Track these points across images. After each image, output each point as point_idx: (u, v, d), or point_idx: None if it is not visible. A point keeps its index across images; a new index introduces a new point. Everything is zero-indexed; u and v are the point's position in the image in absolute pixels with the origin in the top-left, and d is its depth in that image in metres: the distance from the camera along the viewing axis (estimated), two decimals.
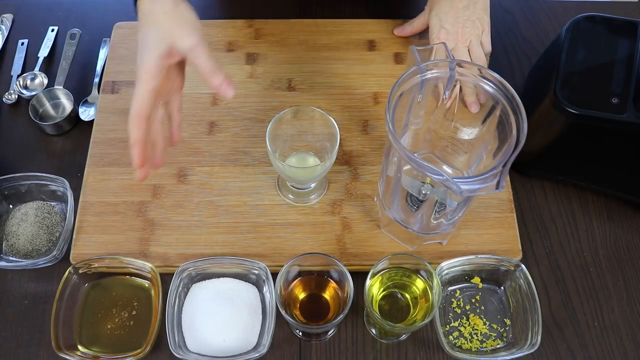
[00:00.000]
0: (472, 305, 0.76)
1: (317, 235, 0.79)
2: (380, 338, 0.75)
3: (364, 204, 0.82)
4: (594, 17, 0.79)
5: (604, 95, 0.72)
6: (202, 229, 0.79)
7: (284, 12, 1.01)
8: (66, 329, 0.72)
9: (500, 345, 0.73)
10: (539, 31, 1.01)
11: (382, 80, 0.92)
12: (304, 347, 0.74)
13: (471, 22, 0.84)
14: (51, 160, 0.88)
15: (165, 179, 0.83)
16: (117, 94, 0.90)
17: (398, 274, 0.73)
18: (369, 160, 0.85)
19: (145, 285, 0.77)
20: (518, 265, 0.73)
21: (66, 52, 0.96)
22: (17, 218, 0.81)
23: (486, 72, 0.65)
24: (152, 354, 0.73)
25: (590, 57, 0.76)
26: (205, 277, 0.76)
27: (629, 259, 0.81)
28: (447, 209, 0.71)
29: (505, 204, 0.81)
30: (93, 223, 0.80)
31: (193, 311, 0.73)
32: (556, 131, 0.76)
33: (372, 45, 0.95)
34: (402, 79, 0.65)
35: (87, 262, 0.75)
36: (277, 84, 0.91)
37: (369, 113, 0.89)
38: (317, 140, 0.79)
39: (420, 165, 0.59)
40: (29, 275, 0.79)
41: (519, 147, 0.60)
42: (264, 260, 0.74)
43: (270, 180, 0.83)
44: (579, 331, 0.76)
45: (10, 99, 0.93)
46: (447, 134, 0.77)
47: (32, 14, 1.03)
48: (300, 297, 0.74)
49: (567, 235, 0.82)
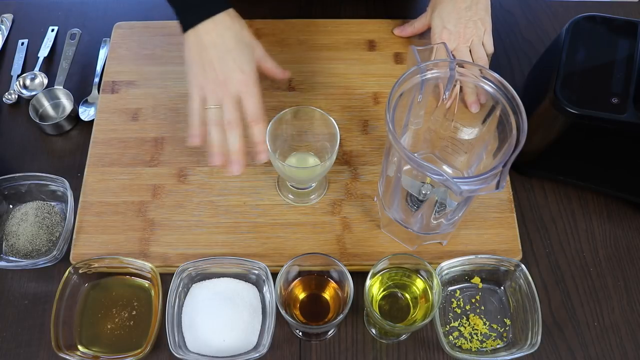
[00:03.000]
0: (472, 305, 0.76)
1: (317, 235, 0.79)
2: (380, 338, 0.75)
3: (364, 204, 0.82)
4: (594, 17, 0.79)
5: (604, 95, 0.72)
6: (202, 229, 0.79)
7: (284, 12, 1.01)
8: (66, 329, 0.72)
9: (500, 345, 0.73)
10: (539, 31, 1.01)
11: (382, 80, 0.92)
12: (304, 347, 0.74)
13: (473, 23, 0.84)
14: (51, 160, 0.88)
15: (165, 179, 0.83)
16: (117, 94, 0.90)
17: (398, 274, 0.73)
18: (369, 160, 0.85)
19: (145, 285, 0.77)
20: (518, 265, 0.73)
21: (66, 52, 0.97)
22: (17, 218, 0.81)
23: (486, 72, 0.65)
24: (152, 354, 0.73)
25: (590, 57, 0.76)
26: (205, 277, 0.76)
27: (629, 259, 0.81)
28: (447, 209, 0.71)
29: (505, 204, 0.81)
30: (93, 223, 0.80)
31: (193, 311, 0.73)
32: (556, 131, 0.76)
33: (372, 45, 0.95)
34: (402, 79, 0.65)
35: (87, 262, 0.75)
36: (277, 84, 0.91)
37: (369, 113, 0.89)
38: (317, 140, 0.79)
39: (420, 165, 0.59)
40: (29, 275, 0.79)
41: (519, 147, 0.60)
42: (264, 260, 0.74)
43: (270, 180, 0.83)
44: (579, 331, 0.76)
45: (10, 99, 0.93)
46: (447, 134, 0.77)
47: (32, 14, 1.03)
48: (300, 297, 0.74)
49: (567, 235, 0.83)
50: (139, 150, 0.85)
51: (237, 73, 0.71)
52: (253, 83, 0.72)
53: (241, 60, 0.72)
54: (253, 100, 0.72)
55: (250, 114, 0.72)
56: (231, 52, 0.71)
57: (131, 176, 0.83)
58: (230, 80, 0.71)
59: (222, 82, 0.71)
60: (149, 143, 0.86)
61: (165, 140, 0.86)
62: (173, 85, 0.91)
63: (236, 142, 0.73)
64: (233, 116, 0.72)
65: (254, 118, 0.72)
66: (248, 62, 0.73)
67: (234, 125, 0.72)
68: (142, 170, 0.84)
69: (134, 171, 0.84)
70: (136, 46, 0.95)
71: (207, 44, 0.71)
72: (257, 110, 0.73)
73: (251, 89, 0.72)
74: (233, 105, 0.72)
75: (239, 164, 0.73)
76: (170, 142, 0.86)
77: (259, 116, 0.73)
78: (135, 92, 0.90)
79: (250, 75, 0.72)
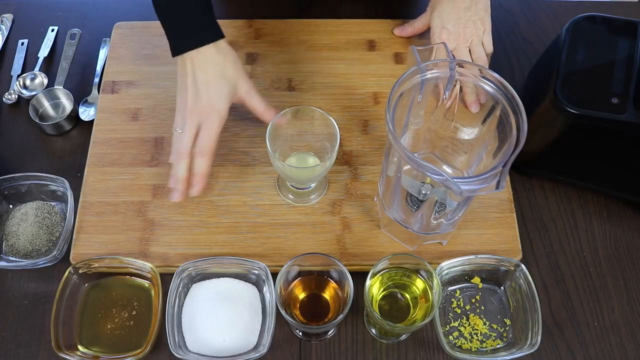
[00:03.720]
0: (472, 305, 0.76)
1: (317, 235, 0.79)
2: (380, 338, 0.75)
3: (364, 204, 0.82)
4: (594, 17, 0.79)
5: (604, 95, 0.72)
6: (202, 229, 0.79)
7: (283, 12, 1.01)
8: (66, 329, 0.72)
9: (500, 345, 0.73)
10: (539, 31, 1.01)
11: (382, 80, 0.92)
12: (304, 347, 0.74)
13: (472, 23, 0.84)
14: (51, 160, 0.88)
15: (165, 179, 0.83)
16: (117, 94, 0.90)
17: (398, 274, 0.73)
18: (369, 160, 0.85)
19: (145, 285, 0.77)
20: (518, 265, 0.73)
21: (66, 52, 0.97)
22: (17, 218, 0.81)
23: (486, 72, 0.65)
24: (152, 354, 0.73)
25: (590, 57, 0.76)
26: (205, 277, 0.76)
27: (629, 259, 0.81)
28: (447, 209, 0.71)
29: (505, 204, 0.81)
30: (93, 223, 0.80)
31: (193, 311, 0.73)
32: (556, 131, 0.76)
33: (372, 45, 0.96)
34: (402, 79, 0.65)
35: (87, 262, 0.75)
36: (277, 84, 0.91)
37: (369, 113, 0.89)
38: (317, 140, 0.79)
39: (420, 165, 0.59)
40: (29, 275, 0.79)
41: (519, 147, 0.60)
42: (264, 260, 0.74)
43: (270, 180, 0.83)
44: (579, 331, 0.76)
45: (10, 99, 0.93)
46: (447, 134, 0.77)
47: (32, 14, 1.03)
48: (300, 297, 0.74)
49: (567, 235, 0.83)
50: (139, 150, 0.85)
51: (204, 105, 0.73)
52: (216, 117, 0.74)
53: (214, 94, 0.74)
54: (208, 133, 0.73)
55: (198, 145, 0.74)
56: (207, 84, 0.73)
57: (131, 176, 0.83)
58: (197, 109, 0.73)
59: (190, 110, 0.74)
60: (149, 143, 0.86)
61: (165, 140, 0.86)
62: (173, 85, 0.90)
63: (182, 171, 0.74)
64: (184, 146, 0.73)
65: (201, 150, 0.74)
66: (220, 98, 0.74)
67: (183, 155, 0.74)
68: (142, 170, 0.84)
69: (134, 171, 0.84)
70: (136, 46, 0.95)
71: (188, 72, 0.74)
72: (208, 144, 0.74)
73: (211, 123, 0.73)
74: (189, 135, 0.73)
75: (179, 193, 0.75)
76: (170, 142, 0.85)
77: (207, 150, 0.74)
78: (135, 92, 0.90)
79: (216, 110, 0.74)
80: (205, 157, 0.74)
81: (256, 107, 0.79)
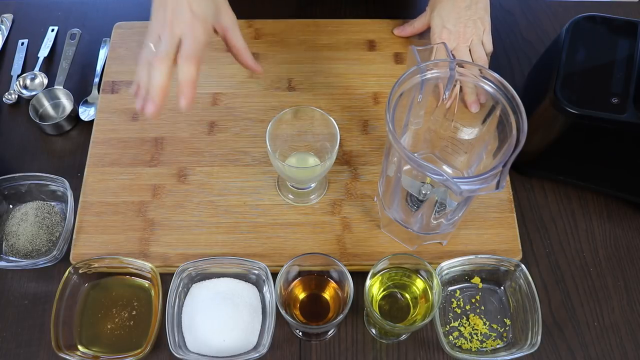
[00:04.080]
0: (472, 305, 0.76)
1: (317, 235, 0.79)
2: (380, 338, 0.75)
3: (364, 204, 0.82)
4: (594, 17, 0.79)
5: (604, 95, 0.72)
6: (202, 229, 0.79)
7: (284, 12, 1.01)
8: (66, 329, 0.72)
9: (500, 345, 0.73)
10: (539, 31, 1.01)
11: (382, 80, 0.92)
12: (304, 347, 0.74)
13: (473, 22, 0.84)
14: (51, 160, 0.88)
15: (165, 179, 0.83)
16: (117, 94, 0.90)
17: (398, 274, 0.73)
18: (369, 160, 0.85)
19: (145, 285, 0.77)
20: (518, 265, 0.73)
21: (66, 52, 0.97)
22: (17, 218, 0.81)
23: (486, 72, 0.65)
24: (152, 354, 0.73)
25: (590, 57, 0.76)
26: (205, 277, 0.76)
27: (629, 259, 0.81)
28: (447, 209, 0.71)
29: (505, 204, 0.81)
30: (93, 223, 0.80)
31: (193, 311, 0.73)
32: (556, 131, 0.76)
33: (372, 45, 0.96)
34: (402, 79, 0.65)
35: (87, 262, 0.75)
36: (277, 84, 0.91)
37: (369, 113, 0.89)
38: (317, 140, 0.79)
39: (420, 165, 0.59)
40: (29, 275, 0.79)
41: (519, 147, 0.60)
42: (264, 260, 0.74)
43: (270, 180, 0.83)
44: (579, 331, 0.76)
45: (10, 99, 0.93)
46: (447, 134, 0.77)
47: (32, 14, 1.03)
48: (300, 297, 0.74)
49: (567, 235, 0.83)
50: (139, 150, 0.85)
51: (187, 16, 0.64)
52: (201, 26, 0.65)
53: (199, 8, 0.65)
54: (191, 41, 0.64)
55: (183, 50, 0.64)
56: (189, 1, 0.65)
57: (131, 176, 0.83)
58: (177, 20, 0.64)
59: (169, 22, 0.64)
60: (149, 143, 0.86)
61: (165, 140, 0.86)
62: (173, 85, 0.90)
63: (158, 77, 0.64)
64: (163, 50, 0.63)
65: (187, 55, 0.64)
66: (205, 12, 0.65)
67: (161, 59, 0.63)
68: (142, 170, 0.84)
69: (134, 171, 0.84)
70: (136, 46, 0.95)
71: None
72: (193, 50, 0.64)
73: (196, 31, 0.64)
74: (169, 42, 0.64)
75: (154, 103, 0.64)
76: (170, 142, 0.86)
77: (192, 55, 0.64)
78: None
79: (200, 18, 0.65)
80: (192, 62, 0.64)
81: (236, 43, 0.72)
